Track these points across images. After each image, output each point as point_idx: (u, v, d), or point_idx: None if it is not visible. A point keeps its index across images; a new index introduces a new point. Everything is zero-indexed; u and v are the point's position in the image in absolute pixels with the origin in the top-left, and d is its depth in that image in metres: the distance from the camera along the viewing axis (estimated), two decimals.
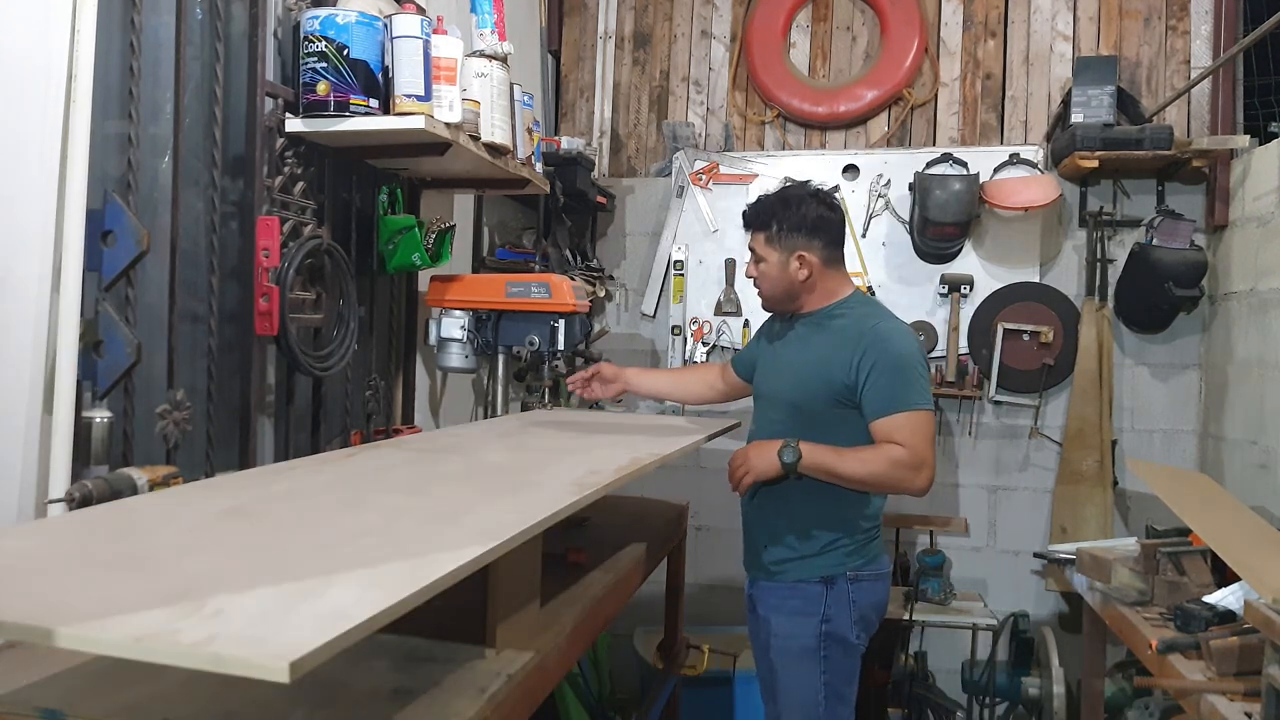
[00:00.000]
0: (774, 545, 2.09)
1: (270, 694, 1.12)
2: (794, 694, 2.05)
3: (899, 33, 3.58)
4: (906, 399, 1.94)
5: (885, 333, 2.00)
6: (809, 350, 2.08)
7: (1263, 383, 2.80)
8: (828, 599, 2.04)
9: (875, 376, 1.95)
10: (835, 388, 1.99)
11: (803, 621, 2.04)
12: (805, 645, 2.04)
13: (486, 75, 2.33)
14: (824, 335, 2.07)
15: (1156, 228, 3.13)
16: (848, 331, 2.03)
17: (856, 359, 1.97)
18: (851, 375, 1.97)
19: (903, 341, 2.00)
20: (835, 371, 1.99)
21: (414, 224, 2.40)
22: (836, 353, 2.01)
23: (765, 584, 2.12)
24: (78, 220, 1.51)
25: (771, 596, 2.10)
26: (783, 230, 2.05)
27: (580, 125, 3.95)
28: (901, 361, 1.97)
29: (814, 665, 2.03)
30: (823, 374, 2.02)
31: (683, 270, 3.62)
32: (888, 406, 1.94)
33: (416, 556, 1.01)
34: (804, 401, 2.04)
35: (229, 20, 1.93)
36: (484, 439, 2.00)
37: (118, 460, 1.63)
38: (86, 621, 0.80)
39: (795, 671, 2.04)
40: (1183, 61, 3.40)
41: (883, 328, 2.02)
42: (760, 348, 2.29)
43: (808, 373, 2.05)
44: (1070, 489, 3.28)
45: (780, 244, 2.06)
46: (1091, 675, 2.60)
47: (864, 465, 1.94)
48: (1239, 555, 1.85)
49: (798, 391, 2.07)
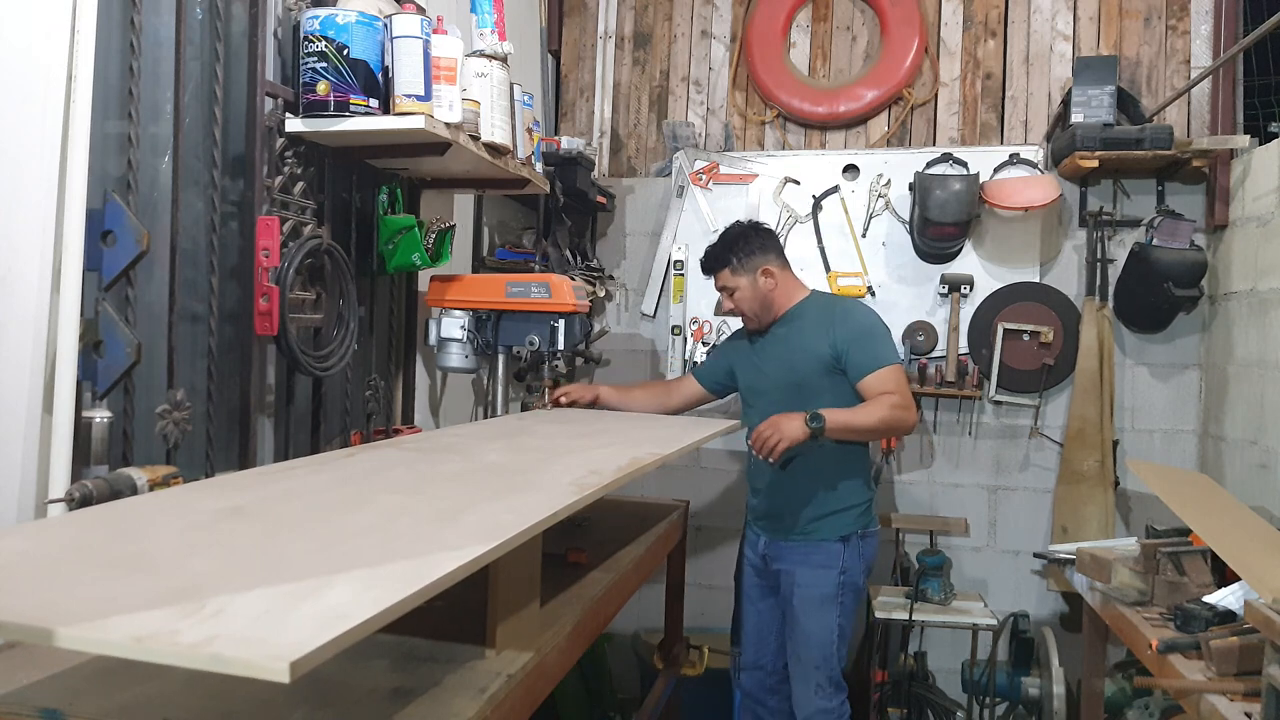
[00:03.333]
0: (805, 508, 2.46)
1: (270, 694, 1.12)
2: (813, 634, 2.44)
3: (899, 33, 3.58)
4: (884, 357, 2.40)
5: (849, 308, 2.51)
6: (791, 342, 2.48)
7: (1263, 383, 2.80)
8: (845, 554, 2.45)
9: (852, 344, 2.39)
10: (824, 360, 2.42)
11: (825, 574, 2.44)
12: (826, 593, 2.44)
13: (486, 75, 2.33)
14: (800, 325, 2.49)
15: (1156, 228, 3.12)
16: (819, 316, 2.47)
17: (833, 334, 2.41)
18: (832, 348, 2.40)
19: (865, 313, 2.50)
20: (819, 348, 2.42)
21: (414, 224, 2.40)
22: (815, 335, 2.44)
23: (787, 543, 2.50)
24: (78, 220, 1.51)
25: (795, 553, 2.48)
26: (742, 258, 2.47)
27: (580, 125, 3.95)
28: (869, 328, 2.44)
29: (832, 610, 2.44)
30: (810, 353, 2.43)
31: (683, 270, 3.62)
32: (871, 365, 2.38)
33: (416, 556, 1.01)
34: (801, 379, 2.43)
35: (229, 20, 1.93)
36: (484, 439, 2.00)
37: (118, 460, 1.63)
38: (86, 621, 0.80)
39: (815, 615, 2.44)
40: (1183, 61, 3.39)
41: (846, 305, 2.54)
42: (736, 359, 2.66)
43: (798, 357, 2.45)
44: (1071, 489, 3.28)
45: (744, 269, 2.47)
46: (1091, 675, 2.59)
47: (874, 415, 2.33)
48: (1239, 555, 1.85)
49: (794, 374, 2.45)
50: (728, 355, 2.72)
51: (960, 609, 3.13)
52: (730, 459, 3.64)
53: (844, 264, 3.52)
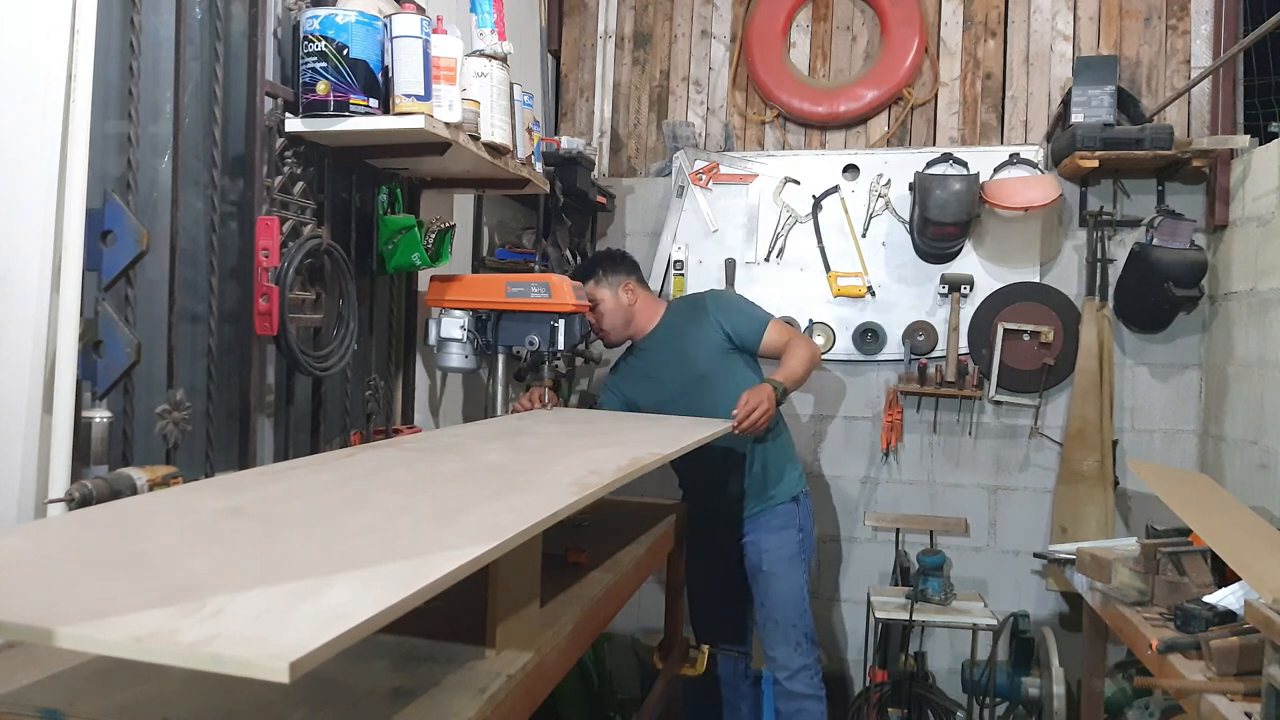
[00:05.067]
0: (775, 477, 2.69)
1: (270, 694, 1.12)
2: (786, 594, 2.65)
3: (899, 33, 3.58)
4: (763, 316, 2.70)
5: (716, 295, 2.82)
6: (676, 343, 2.69)
7: (1263, 383, 2.80)
8: (799, 513, 2.71)
9: (737, 320, 2.67)
10: (718, 345, 2.66)
11: (787, 535, 2.68)
12: (791, 553, 2.67)
13: (486, 75, 2.33)
14: (677, 327, 2.71)
15: (1156, 228, 3.12)
16: (690, 312, 2.72)
17: (715, 318, 2.66)
18: (720, 329, 2.65)
19: (729, 293, 2.94)
20: (710, 335, 2.65)
21: (414, 224, 2.40)
22: (697, 327, 2.67)
23: (756, 512, 2.69)
24: (78, 220, 1.50)
25: (761, 521, 2.69)
26: (605, 273, 2.71)
27: (580, 125, 3.95)
28: (738, 302, 2.77)
29: (800, 567, 2.69)
30: (702, 343, 2.65)
31: (683, 270, 3.62)
32: (761, 327, 2.67)
33: (416, 556, 1.01)
34: (702, 370, 2.64)
35: (229, 20, 1.93)
36: (483, 439, 2.00)
37: (118, 460, 1.62)
38: (86, 621, 0.80)
39: (786, 575, 2.66)
40: (1183, 61, 3.39)
41: (710, 294, 2.84)
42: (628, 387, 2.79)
43: (692, 350, 2.65)
44: (1071, 489, 3.28)
45: (607, 283, 2.70)
46: (1091, 675, 2.59)
47: (802, 360, 2.58)
48: (1239, 555, 1.85)
49: (694, 366, 2.64)
50: (619, 389, 2.82)
51: (960, 609, 3.12)
52: None
53: (844, 264, 3.52)
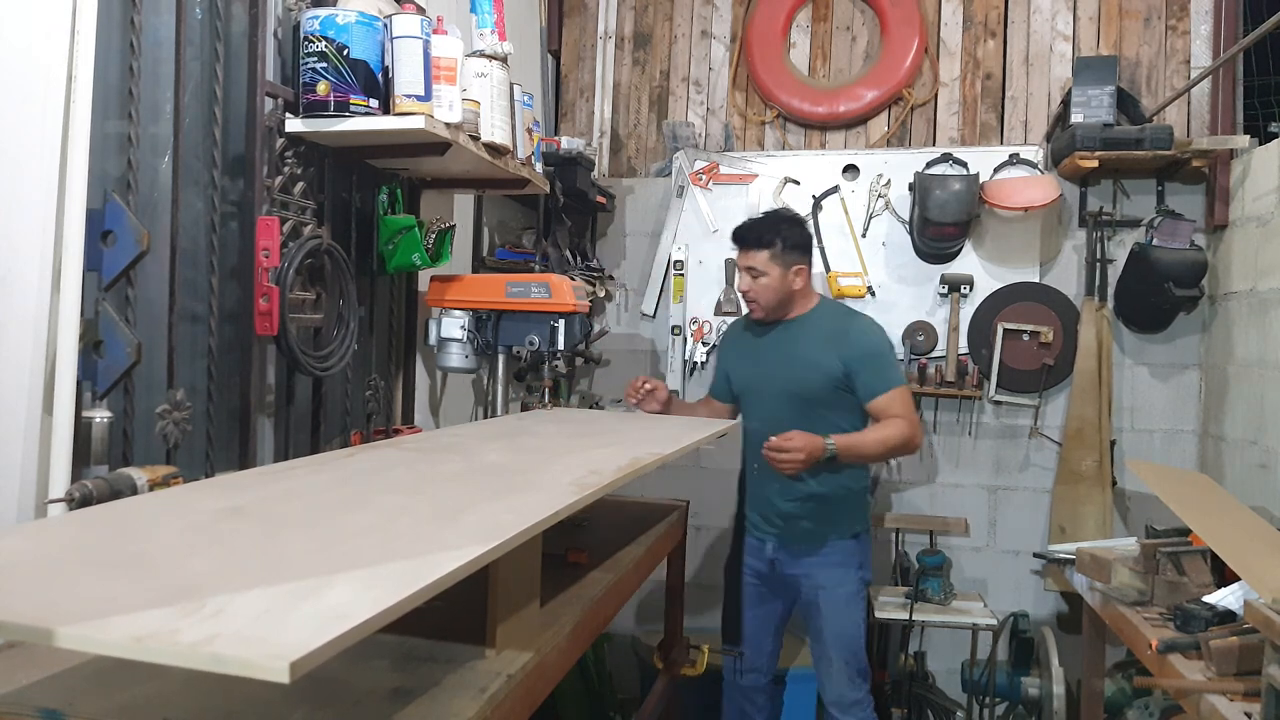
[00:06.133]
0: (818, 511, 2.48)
1: (270, 694, 1.12)
2: (844, 633, 2.51)
3: (899, 33, 3.58)
4: (894, 379, 2.46)
5: (864, 328, 2.51)
6: (799, 349, 2.49)
7: (1263, 383, 2.80)
8: (859, 550, 2.54)
9: (864, 365, 2.43)
10: (833, 378, 2.44)
11: (845, 572, 2.50)
12: (850, 591, 2.51)
13: (486, 75, 2.33)
14: (809, 335, 2.50)
15: (1156, 228, 3.12)
16: (831, 330, 2.49)
17: (846, 352, 2.43)
18: (842, 367, 2.43)
19: (878, 334, 2.52)
20: (830, 364, 2.44)
21: (414, 224, 2.40)
22: (825, 349, 2.46)
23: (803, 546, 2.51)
24: (78, 220, 1.50)
25: (812, 556, 2.51)
26: (786, 248, 2.44)
27: (580, 125, 3.95)
28: (880, 350, 2.48)
29: (857, 605, 2.53)
30: (819, 368, 2.44)
31: (683, 270, 3.62)
32: (882, 387, 2.42)
33: (416, 556, 1.01)
34: (805, 392, 2.45)
35: (229, 20, 1.93)
36: (483, 439, 1.99)
37: (118, 460, 1.63)
38: (86, 621, 0.80)
39: (844, 614, 2.50)
40: (1183, 61, 3.39)
41: (860, 323, 2.53)
42: (735, 358, 2.67)
43: (805, 372, 2.46)
44: (1070, 489, 3.28)
45: (782, 260, 2.45)
46: (1091, 675, 2.60)
47: (883, 442, 2.41)
48: (1239, 555, 1.85)
49: (800, 386, 2.46)
50: (724, 361, 2.74)
51: (960, 609, 3.13)
52: (730, 459, 3.63)
53: (844, 264, 3.52)
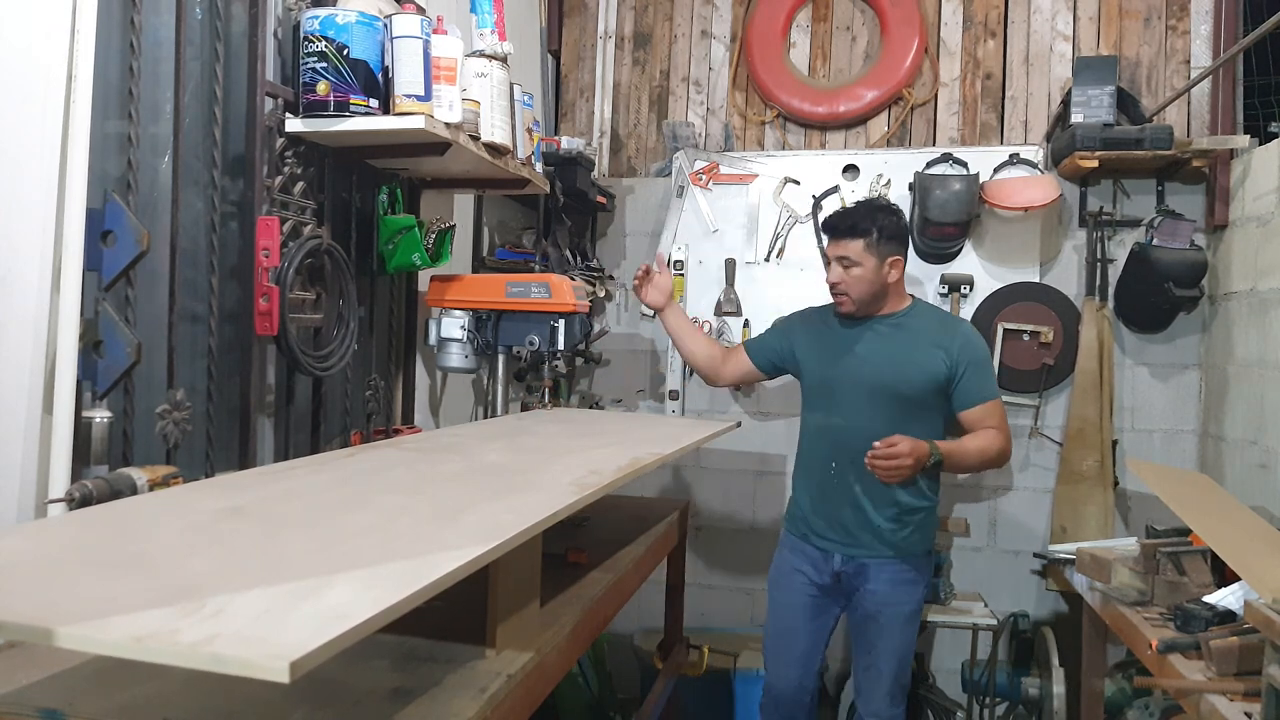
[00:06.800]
0: (893, 522, 2.34)
1: (270, 694, 1.12)
2: (897, 650, 2.39)
3: (899, 33, 3.58)
4: (994, 390, 2.38)
5: (970, 332, 2.41)
6: (900, 348, 2.35)
7: (1263, 383, 2.80)
8: (929, 568, 2.47)
9: (970, 370, 2.32)
10: (937, 379, 2.31)
11: (912, 590, 2.39)
12: (913, 609, 2.40)
13: (486, 75, 2.33)
14: (913, 335, 2.36)
15: (1156, 228, 3.12)
16: (936, 330, 2.37)
17: (953, 355, 2.32)
18: (948, 369, 2.31)
19: (982, 342, 2.42)
20: (935, 365, 2.31)
21: (414, 224, 2.40)
22: (931, 349, 2.33)
23: (875, 560, 2.36)
24: (78, 220, 1.51)
25: (885, 570, 2.36)
26: (882, 238, 2.32)
27: (580, 125, 3.95)
28: (986, 357, 2.39)
29: (916, 623, 2.43)
30: (924, 368, 2.32)
31: (683, 270, 3.61)
32: (980, 397, 2.33)
33: (416, 556, 1.01)
34: (908, 392, 2.31)
35: (229, 20, 1.93)
36: (483, 439, 2.00)
37: (118, 460, 1.63)
38: (86, 621, 0.80)
39: (901, 631, 2.39)
40: (1183, 61, 3.39)
41: (966, 327, 2.44)
42: (805, 341, 2.50)
43: (909, 369, 2.32)
44: (1070, 489, 3.28)
45: (878, 251, 2.32)
46: (1091, 675, 2.59)
47: (982, 453, 2.31)
48: (1239, 555, 1.85)
49: (902, 383, 2.32)
50: (791, 336, 2.53)
51: (960, 609, 3.13)
52: (731, 459, 3.63)
53: None
